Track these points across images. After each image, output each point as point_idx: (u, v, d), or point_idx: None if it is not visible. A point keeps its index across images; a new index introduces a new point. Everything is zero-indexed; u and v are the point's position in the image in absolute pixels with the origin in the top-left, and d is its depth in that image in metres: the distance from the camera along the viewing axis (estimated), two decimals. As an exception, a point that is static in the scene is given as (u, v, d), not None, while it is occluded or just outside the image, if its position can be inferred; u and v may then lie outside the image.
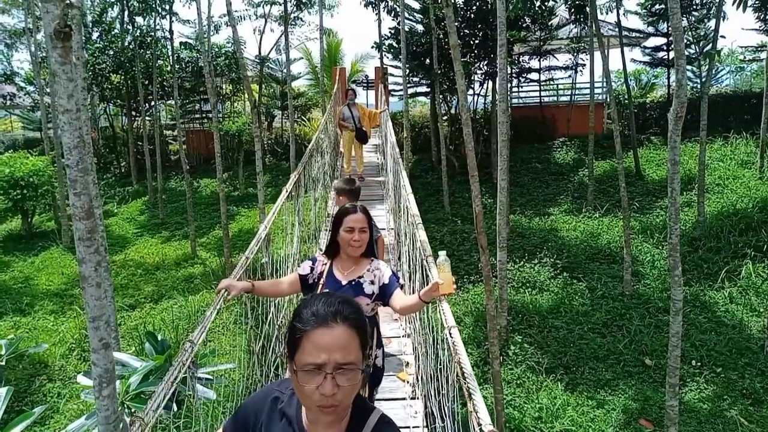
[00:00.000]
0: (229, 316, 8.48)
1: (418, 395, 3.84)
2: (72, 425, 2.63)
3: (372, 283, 2.72)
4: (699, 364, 7.03)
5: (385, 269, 2.76)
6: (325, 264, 2.81)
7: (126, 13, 16.16)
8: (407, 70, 12.04)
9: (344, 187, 4.57)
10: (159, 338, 3.38)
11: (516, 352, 7.48)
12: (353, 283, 2.72)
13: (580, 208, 12.36)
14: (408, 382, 4.10)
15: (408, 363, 4.35)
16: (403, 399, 3.91)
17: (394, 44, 14.72)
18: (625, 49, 13.93)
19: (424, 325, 3.51)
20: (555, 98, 18.42)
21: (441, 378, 2.84)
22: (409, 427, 3.47)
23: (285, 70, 17.82)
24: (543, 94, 17.90)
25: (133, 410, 2.74)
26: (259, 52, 18.94)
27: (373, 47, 15.63)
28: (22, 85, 19.90)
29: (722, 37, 13.17)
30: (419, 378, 3.89)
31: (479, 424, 1.66)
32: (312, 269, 2.81)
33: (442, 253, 2.54)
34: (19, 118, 24.79)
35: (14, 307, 9.34)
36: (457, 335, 2.21)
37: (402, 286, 2.73)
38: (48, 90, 13.93)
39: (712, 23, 12.78)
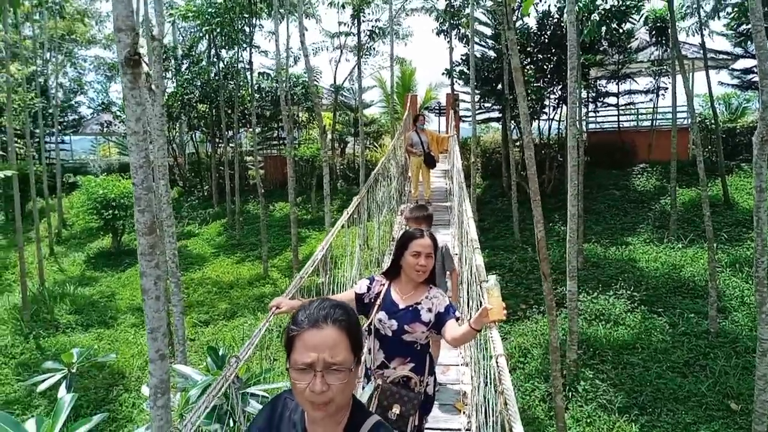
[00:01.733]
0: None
1: (473, 427, 3.72)
2: (132, 435, 2.76)
3: (429, 310, 2.66)
4: (794, 411, 6.37)
5: (442, 298, 2.70)
6: (383, 285, 2.78)
7: (212, 46, 17.25)
8: (477, 96, 12.00)
9: (417, 214, 4.22)
10: (220, 353, 3.50)
11: (586, 388, 7.10)
12: (411, 308, 2.67)
13: (662, 237, 11.68)
14: (464, 412, 3.99)
15: (465, 393, 4.23)
16: (458, 430, 3.80)
17: (465, 70, 14.74)
18: (712, 71, 13.23)
19: (480, 354, 3.42)
20: (635, 123, 17.67)
21: (489, 409, 2.75)
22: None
23: (357, 98, 18.30)
24: (622, 118, 17.22)
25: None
26: (335, 81, 19.56)
27: (443, 74, 15.72)
28: (119, 113, 21.60)
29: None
30: (475, 408, 3.77)
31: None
32: (369, 288, 2.78)
33: (492, 278, 2.46)
34: (116, 144, 26.88)
35: (99, 320, 10.00)
36: (503, 364, 2.13)
37: (458, 319, 2.65)
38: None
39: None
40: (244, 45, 15.90)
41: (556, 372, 4.73)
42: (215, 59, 17.50)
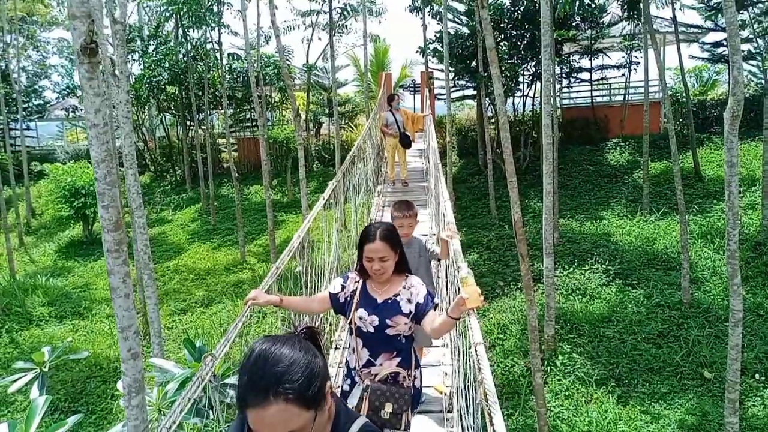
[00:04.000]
0: (275, 321, 8.60)
1: (454, 408, 3.74)
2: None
3: (409, 301, 2.59)
4: (763, 378, 6.59)
5: (420, 287, 2.62)
6: (358, 281, 2.70)
7: (180, 26, 16.76)
8: (452, 74, 11.90)
9: (403, 213, 4.09)
10: (197, 345, 3.44)
11: (564, 362, 7.23)
12: (390, 301, 2.60)
13: (635, 211, 11.86)
14: (445, 394, 4.01)
15: (446, 374, 4.25)
16: (440, 412, 3.82)
17: (439, 48, 14.60)
18: (683, 45, 13.32)
19: (459, 339, 3.42)
20: (608, 98, 17.79)
21: (469, 394, 2.75)
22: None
23: (331, 78, 18.04)
24: (595, 93, 17.31)
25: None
26: (307, 61, 19.24)
27: (417, 52, 15.55)
28: (85, 98, 20.91)
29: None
30: (456, 390, 3.79)
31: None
32: (343, 287, 2.71)
33: (464, 266, 2.43)
34: (83, 129, 26.10)
35: (73, 311, 9.81)
36: (482, 352, 2.11)
37: (436, 306, 2.59)
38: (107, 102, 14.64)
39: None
40: (213, 24, 15.49)
41: (535, 351, 4.79)
42: (183, 40, 17.00)
